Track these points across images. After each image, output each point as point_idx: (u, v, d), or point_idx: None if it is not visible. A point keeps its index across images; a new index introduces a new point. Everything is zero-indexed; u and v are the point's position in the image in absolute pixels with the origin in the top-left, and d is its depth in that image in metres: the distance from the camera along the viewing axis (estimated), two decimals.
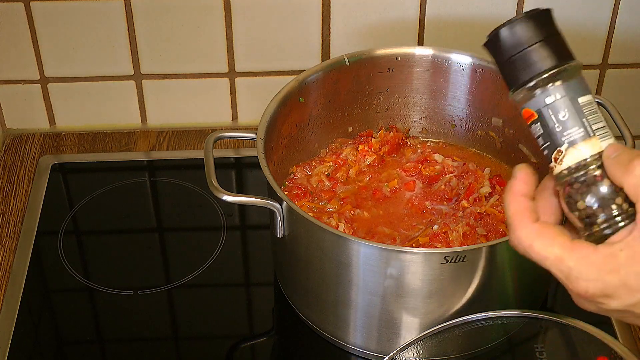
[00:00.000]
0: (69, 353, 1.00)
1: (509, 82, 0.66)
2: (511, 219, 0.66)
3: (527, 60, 0.64)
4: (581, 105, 0.65)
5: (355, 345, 0.95)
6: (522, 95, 0.66)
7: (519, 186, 0.66)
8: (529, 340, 0.93)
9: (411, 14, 1.19)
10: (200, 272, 1.06)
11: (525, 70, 0.65)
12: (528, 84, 0.65)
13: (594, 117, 0.65)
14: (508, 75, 0.66)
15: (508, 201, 0.66)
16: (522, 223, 0.65)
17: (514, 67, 0.65)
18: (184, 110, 1.28)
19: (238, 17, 1.19)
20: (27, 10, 1.16)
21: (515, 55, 0.65)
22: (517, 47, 0.65)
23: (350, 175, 1.07)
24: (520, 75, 0.65)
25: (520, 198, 0.66)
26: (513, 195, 0.66)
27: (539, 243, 0.64)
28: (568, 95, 0.64)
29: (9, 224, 1.13)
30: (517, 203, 0.66)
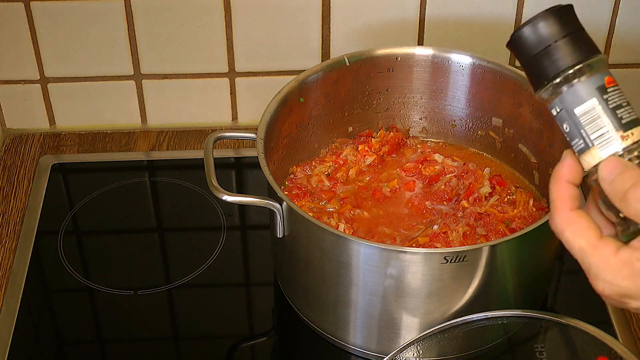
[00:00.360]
0: (69, 353, 1.00)
1: (534, 81, 0.66)
2: (552, 204, 0.67)
3: (551, 56, 0.64)
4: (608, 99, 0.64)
5: (355, 345, 0.95)
6: (548, 92, 0.66)
7: (564, 171, 0.67)
8: (529, 340, 0.93)
9: (411, 14, 1.19)
10: (200, 272, 1.06)
11: (549, 67, 0.64)
12: (553, 80, 0.65)
13: (623, 110, 0.64)
14: (533, 74, 0.66)
15: (552, 185, 0.67)
16: (559, 209, 0.66)
17: (539, 65, 0.65)
18: (184, 110, 1.28)
19: (238, 17, 1.19)
20: (27, 10, 1.16)
21: (538, 53, 0.65)
22: (540, 44, 0.65)
23: (350, 175, 1.07)
24: (545, 73, 0.65)
25: (563, 184, 0.67)
26: (557, 180, 0.67)
27: (569, 232, 0.66)
28: (594, 91, 0.64)
29: (9, 224, 1.13)
30: (559, 189, 0.67)
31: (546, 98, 0.66)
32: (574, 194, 0.67)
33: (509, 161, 1.10)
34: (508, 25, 1.20)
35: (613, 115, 0.64)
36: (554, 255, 0.98)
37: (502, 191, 1.04)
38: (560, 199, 0.66)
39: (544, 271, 0.97)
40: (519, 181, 1.08)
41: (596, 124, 0.65)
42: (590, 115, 0.65)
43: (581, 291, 1.03)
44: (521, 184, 1.08)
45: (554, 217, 0.67)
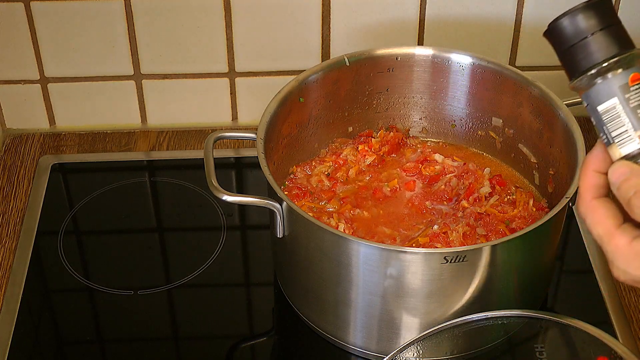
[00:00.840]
0: (69, 353, 1.00)
1: (569, 71, 0.67)
2: (579, 192, 0.70)
3: (588, 48, 0.65)
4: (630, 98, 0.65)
5: (355, 345, 0.95)
6: (583, 83, 0.66)
7: (591, 160, 0.69)
8: (529, 340, 0.93)
9: (411, 14, 1.19)
10: (200, 272, 1.06)
11: (586, 59, 0.66)
12: (589, 72, 0.66)
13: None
14: (569, 64, 0.67)
15: (580, 174, 0.70)
16: (582, 197, 0.69)
17: (575, 56, 0.66)
18: (184, 110, 1.28)
19: (238, 17, 1.19)
20: (27, 10, 1.16)
21: (576, 43, 0.66)
22: (579, 35, 0.65)
23: (350, 175, 1.08)
24: (581, 64, 0.66)
25: (590, 172, 0.69)
26: (584, 169, 0.69)
27: (589, 220, 0.68)
28: (616, 90, 0.65)
29: (9, 224, 1.13)
30: (586, 177, 0.69)
31: (577, 90, 0.68)
32: (598, 182, 0.68)
33: (509, 161, 1.10)
34: (508, 25, 1.20)
35: (633, 114, 0.65)
36: (554, 255, 0.98)
37: (502, 191, 1.04)
38: (584, 187, 0.69)
39: (544, 271, 0.97)
40: (519, 181, 1.08)
41: (616, 122, 0.66)
42: (611, 114, 0.66)
43: (581, 291, 1.04)
44: (521, 184, 1.08)
45: (578, 205, 0.70)
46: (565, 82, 0.69)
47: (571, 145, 0.95)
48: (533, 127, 1.04)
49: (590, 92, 0.67)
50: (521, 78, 1.03)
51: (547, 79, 1.06)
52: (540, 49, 1.21)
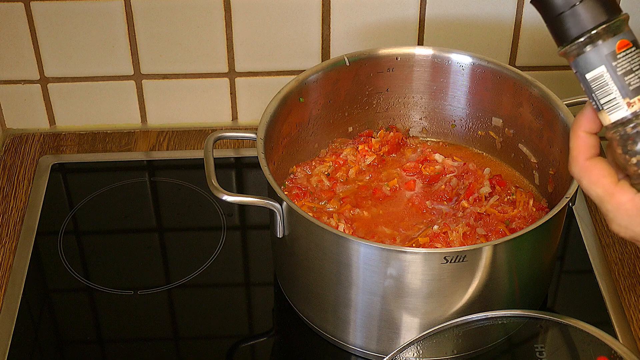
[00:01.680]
0: (69, 353, 1.00)
1: (558, 38, 0.67)
2: (570, 153, 0.69)
3: (576, 16, 0.65)
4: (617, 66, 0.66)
5: (355, 345, 0.95)
6: (572, 51, 0.67)
7: (581, 121, 0.69)
8: (529, 340, 0.93)
9: (411, 14, 1.19)
10: (200, 272, 1.06)
11: (576, 26, 0.66)
12: (577, 40, 0.66)
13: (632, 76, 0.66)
14: (557, 31, 0.67)
15: (571, 135, 0.69)
16: (575, 159, 0.69)
17: (565, 23, 0.66)
18: (184, 110, 1.28)
19: (238, 17, 1.19)
20: (27, 10, 1.16)
21: (565, 11, 0.66)
22: (567, 3, 0.66)
23: (350, 175, 1.08)
24: (569, 32, 0.66)
25: (580, 133, 0.69)
26: (574, 130, 0.69)
27: (586, 181, 0.68)
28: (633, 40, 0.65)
29: (9, 224, 1.13)
30: (577, 138, 0.69)
31: (566, 57, 0.68)
32: (590, 142, 0.69)
33: (509, 161, 1.10)
34: (508, 25, 1.20)
35: (621, 82, 0.66)
36: (554, 255, 0.98)
37: (502, 191, 1.04)
38: (577, 149, 0.69)
39: (544, 271, 0.97)
40: (519, 181, 1.08)
41: (604, 90, 0.67)
42: (600, 82, 0.67)
43: (581, 291, 1.04)
44: (521, 184, 1.08)
45: (571, 167, 0.69)
46: (565, 82, 0.69)
47: None
48: (533, 127, 1.04)
49: (579, 60, 0.67)
50: (521, 78, 1.03)
51: (547, 79, 1.06)
52: (540, 49, 1.21)
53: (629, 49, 0.66)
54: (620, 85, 0.66)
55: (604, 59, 0.66)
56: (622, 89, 0.66)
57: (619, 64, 0.66)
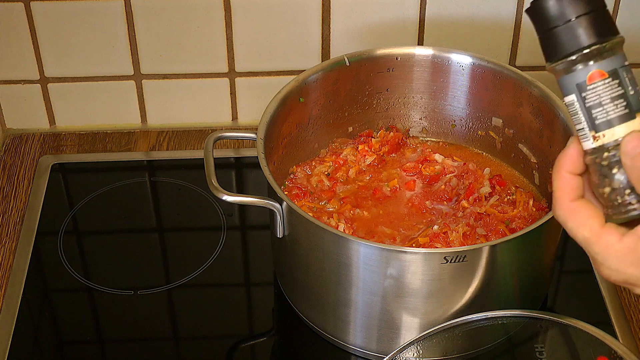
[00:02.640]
0: (69, 353, 1.00)
1: (548, 53, 0.66)
2: (553, 195, 0.67)
3: (570, 32, 0.64)
4: (627, 79, 0.64)
5: (355, 345, 0.95)
6: (561, 67, 0.65)
7: (564, 161, 0.67)
8: (529, 340, 0.93)
9: (411, 14, 1.19)
10: (200, 272, 1.06)
11: (568, 43, 0.64)
12: (569, 57, 0.64)
13: (637, 92, 0.64)
14: (548, 46, 0.65)
15: (554, 176, 0.67)
16: (559, 200, 0.67)
17: (556, 38, 0.64)
18: (184, 110, 1.28)
19: (238, 17, 1.19)
20: (27, 10, 1.16)
21: (558, 26, 0.64)
22: (562, 18, 0.64)
23: (350, 175, 1.08)
24: (562, 48, 0.64)
25: (564, 174, 0.67)
26: (557, 170, 0.67)
27: (571, 223, 0.66)
28: (611, 71, 0.64)
29: (9, 224, 1.13)
30: (560, 179, 0.67)
31: (553, 73, 0.66)
32: (574, 183, 0.66)
33: (509, 161, 1.10)
34: (508, 25, 1.20)
35: (588, 114, 0.65)
36: (554, 255, 0.98)
37: (502, 191, 1.04)
38: (560, 190, 0.67)
39: (544, 271, 0.97)
40: (519, 181, 1.08)
41: (577, 117, 0.66)
42: (572, 108, 0.66)
43: (581, 291, 1.04)
44: (521, 184, 1.08)
45: (555, 209, 0.67)
46: None
47: None
48: (533, 127, 1.04)
49: (559, 81, 0.66)
50: (521, 78, 1.03)
51: (547, 79, 1.06)
52: (540, 49, 1.21)
53: (601, 80, 0.64)
54: (587, 117, 0.65)
55: (574, 88, 0.65)
56: (589, 122, 0.65)
57: (587, 95, 0.64)
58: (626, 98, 0.64)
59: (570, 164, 0.67)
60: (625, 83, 0.64)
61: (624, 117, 0.64)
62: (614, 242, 0.64)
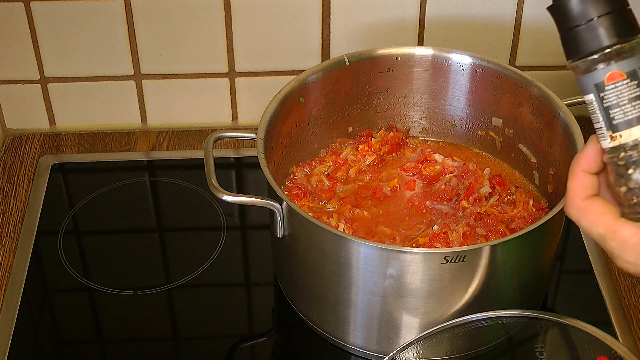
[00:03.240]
0: (69, 353, 1.00)
1: (569, 51, 0.65)
2: (567, 193, 0.68)
3: (591, 32, 0.63)
4: (604, 97, 0.64)
5: (355, 345, 0.95)
6: (580, 66, 0.65)
7: (581, 160, 0.67)
8: (529, 340, 0.93)
9: (411, 14, 1.19)
10: (200, 272, 1.06)
11: (587, 43, 0.64)
12: (588, 57, 0.64)
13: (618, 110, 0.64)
14: (569, 44, 0.65)
15: (569, 175, 0.68)
16: (572, 200, 0.67)
17: (577, 37, 0.64)
18: (184, 110, 1.28)
19: (238, 17, 1.19)
20: (27, 10, 1.16)
21: (580, 25, 0.64)
22: (584, 16, 0.63)
23: (350, 175, 1.08)
24: (581, 47, 0.64)
25: (579, 173, 0.67)
26: (573, 169, 0.68)
27: (584, 221, 0.67)
28: (630, 72, 0.64)
29: (9, 224, 1.13)
30: (574, 178, 0.67)
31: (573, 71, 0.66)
32: (588, 182, 0.67)
33: (509, 161, 1.10)
34: (508, 25, 1.20)
35: (606, 114, 0.65)
36: (554, 255, 0.98)
37: (502, 191, 1.04)
38: (573, 190, 0.67)
39: (544, 271, 0.97)
40: (519, 181, 1.08)
41: (595, 116, 0.66)
42: (592, 107, 0.66)
43: (581, 291, 1.04)
44: (521, 184, 1.08)
45: (568, 208, 0.68)
46: (565, 82, 0.69)
47: (571, 145, 0.95)
48: (533, 127, 1.04)
49: (579, 80, 0.66)
50: (521, 78, 1.03)
51: (547, 79, 1.06)
52: (540, 49, 1.21)
53: (620, 81, 0.64)
54: (604, 117, 0.65)
55: (592, 88, 0.65)
56: (606, 121, 0.65)
57: (605, 95, 0.64)
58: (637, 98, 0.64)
59: (586, 163, 0.67)
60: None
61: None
62: (630, 236, 0.64)
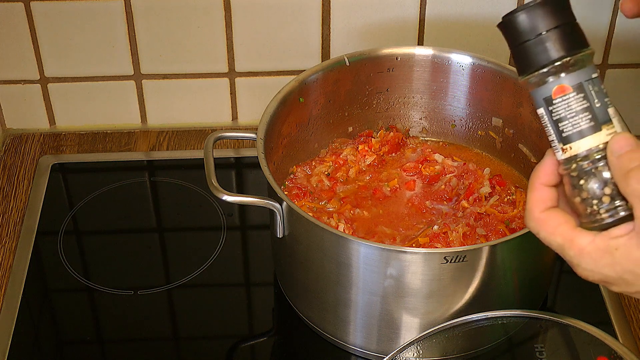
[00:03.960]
0: (69, 353, 1.00)
1: (520, 66, 0.67)
2: (527, 207, 0.68)
3: (538, 47, 0.65)
4: (592, 92, 0.65)
5: (355, 345, 0.95)
6: (530, 81, 0.66)
7: (539, 174, 0.68)
8: (529, 340, 0.93)
9: (411, 14, 1.19)
10: (200, 272, 1.06)
11: (535, 57, 0.65)
12: (536, 71, 0.65)
13: (604, 104, 0.65)
14: (520, 59, 0.67)
15: (528, 188, 0.69)
16: (530, 212, 0.68)
17: (528, 52, 0.66)
18: (184, 110, 1.28)
19: (238, 17, 1.19)
20: (27, 10, 1.16)
21: (529, 40, 0.65)
22: (532, 32, 0.65)
23: (350, 175, 1.08)
24: (533, 61, 0.65)
25: (537, 186, 0.68)
26: (532, 183, 0.68)
27: (543, 233, 0.67)
28: (576, 85, 0.65)
29: (9, 224, 1.13)
30: (533, 190, 0.68)
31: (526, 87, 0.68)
32: (546, 195, 0.68)
33: (509, 161, 1.10)
34: None
35: (556, 127, 0.66)
36: (554, 255, 0.98)
37: (502, 191, 1.04)
38: (532, 201, 0.68)
39: (544, 271, 0.97)
40: (519, 181, 1.08)
41: (547, 129, 0.67)
42: (543, 121, 0.67)
43: (581, 291, 1.04)
44: (521, 184, 1.08)
45: (527, 221, 0.69)
46: None
47: None
48: (533, 127, 1.04)
49: (531, 94, 0.67)
50: None
51: None
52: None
53: (567, 94, 0.65)
54: (555, 130, 0.66)
55: (542, 102, 0.66)
56: (557, 134, 0.66)
57: (554, 109, 0.66)
58: (591, 111, 0.65)
59: (544, 176, 0.68)
60: (591, 96, 0.65)
61: (589, 130, 0.65)
62: (586, 244, 0.65)
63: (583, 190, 0.65)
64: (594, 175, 0.65)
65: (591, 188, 0.65)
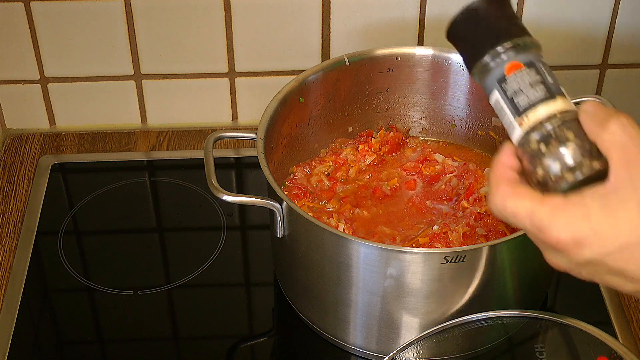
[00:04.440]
0: (69, 353, 1.00)
1: (469, 64, 0.69)
2: (490, 186, 0.67)
3: (483, 37, 0.67)
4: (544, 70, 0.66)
5: (355, 345, 0.95)
6: (481, 71, 0.68)
7: (502, 157, 0.68)
8: (529, 340, 0.93)
9: (411, 14, 1.19)
10: (200, 272, 1.06)
11: (482, 47, 0.67)
12: (485, 57, 0.67)
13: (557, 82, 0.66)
14: (468, 59, 0.69)
15: (491, 170, 0.68)
16: (497, 186, 0.66)
17: (472, 49, 0.68)
18: (184, 110, 1.28)
19: (238, 17, 1.19)
20: (27, 10, 1.16)
21: (474, 37, 0.68)
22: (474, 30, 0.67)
23: (350, 175, 1.08)
24: (478, 53, 0.67)
25: (501, 167, 0.67)
26: (495, 165, 0.68)
27: (511, 201, 0.65)
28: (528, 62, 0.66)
29: (9, 224, 1.13)
30: (497, 170, 0.67)
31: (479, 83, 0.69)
32: (511, 175, 0.67)
33: None
34: None
35: (511, 103, 0.67)
36: None
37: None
38: (497, 178, 0.66)
39: (544, 271, 0.97)
40: None
41: (503, 112, 0.68)
42: (498, 106, 0.68)
43: (581, 291, 1.04)
44: None
45: (491, 196, 0.66)
46: (563, 82, 0.69)
47: None
48: None
49: (484, 86, 0.68)
50: None
51: None
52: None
53: (520, 70, 0.66)
54: (510, 106, 0.67)
55: (495, 84, 0.67)
56: (513, 110, 0.67)
57: (507, 86, 0.67)
58: (545, 84, 0.66)
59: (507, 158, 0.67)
60: (542, 72, 0.67)
61: (545, 99, 0.66)
62: (560, 202, 0.63)
63: (544, 156, 0.65)
64: (557, 139, 0.65)
65: (554, 151, 0.65)
